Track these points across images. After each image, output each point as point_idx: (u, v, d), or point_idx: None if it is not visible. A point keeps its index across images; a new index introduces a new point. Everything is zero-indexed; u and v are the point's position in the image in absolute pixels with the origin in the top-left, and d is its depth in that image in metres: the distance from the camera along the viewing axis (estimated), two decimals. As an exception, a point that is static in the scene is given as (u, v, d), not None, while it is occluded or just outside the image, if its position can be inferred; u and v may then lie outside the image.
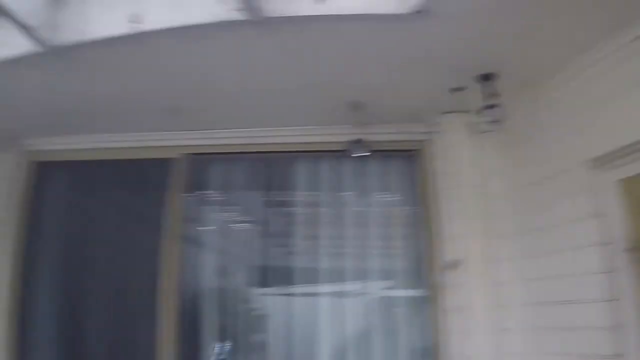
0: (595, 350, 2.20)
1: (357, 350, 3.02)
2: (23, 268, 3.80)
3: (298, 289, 3.22)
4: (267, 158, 3.39)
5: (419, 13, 2.06)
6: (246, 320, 3.29)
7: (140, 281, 3.56)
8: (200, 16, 2.22)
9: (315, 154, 3.25)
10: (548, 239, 2.53)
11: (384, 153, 3.12)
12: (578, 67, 2.38)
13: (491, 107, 2.55)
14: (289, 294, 3.25)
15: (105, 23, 2.39)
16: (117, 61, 2.63)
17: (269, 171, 3.41)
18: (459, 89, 2.71)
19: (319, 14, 2.15)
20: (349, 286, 3.13)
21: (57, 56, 2.56)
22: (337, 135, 3.05)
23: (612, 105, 2.21)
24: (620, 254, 2.19)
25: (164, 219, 3.45)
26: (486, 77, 2.57)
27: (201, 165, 3.51)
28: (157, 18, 2.27)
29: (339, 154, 3.09)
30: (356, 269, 3.16)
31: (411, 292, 3.06)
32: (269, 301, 3.34)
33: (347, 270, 3.17)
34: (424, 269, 3.01)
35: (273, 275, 3.35)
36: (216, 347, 3.22)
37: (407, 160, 3.18)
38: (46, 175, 4.04)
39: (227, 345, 3.23)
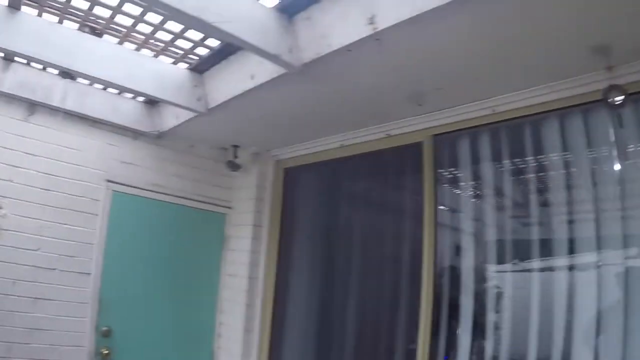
0: None
1: (611, 331, 2.60)
2: (284, 262, 4.61)
3: (550, 262, 2.96)
4: (512, 125, 3.17)
5: None
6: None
7: (399, 267, 3.79)
8: (425, 4, 2.18)
9: (562, 111, 2.90)
10: None
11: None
12: None
13: None
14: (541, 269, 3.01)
15: (341, 33, 2.57)
16: (356, 64, 2.80)
17: (515, 139, 3.20)
18: None
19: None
20: (601, 257, 2.72)
21: (301, 74, 2.90)
22: (583, 86, 2.70)
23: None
24: None
25: (418, 203, 3.51)
26: None
27: (447, 145, 3.50)
28: (388, 14, 2.33)
29: (589, 106, 2.76)
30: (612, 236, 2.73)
31: None
32: (511, 277, 3.17)
33: (603, 238, 2.75)
34: None
35: (519, 248, 3.15)
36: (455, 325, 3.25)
37: None
38: (296, 179, 4.79)
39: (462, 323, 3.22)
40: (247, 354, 4.43)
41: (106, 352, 4.02)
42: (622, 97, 2.46)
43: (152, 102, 4.29)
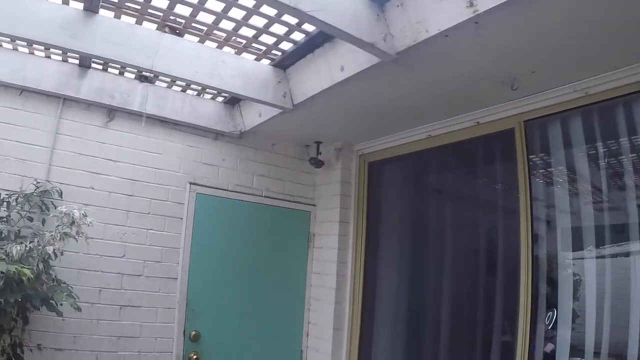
0: None
1: None
2: (372, 258, 4.48)
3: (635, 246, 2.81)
4: (605, 107, 2.96)
5: None
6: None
7: (491, 259, 3.71)
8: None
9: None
10: None
11: None
12: None
13: None
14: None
15: (439, 17, 2.40)
16: (452, 49, 2.64)
17: (610, 120, 2.98)
18: None
19: None
20: None
21: (394, 63, 2.74)
22: None
23: None
24: None
25: (510, 192, 3.41)
26: None
27: (538, 130, 3.31)
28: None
29: None
30: None
31: None
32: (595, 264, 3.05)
33: None
34: None
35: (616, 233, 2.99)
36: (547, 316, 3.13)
37: None
38: (381, 173, 4.66)
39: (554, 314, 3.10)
40: (337, 353, 4.33)
41: (195, 356, 3.97)
42: None
43: (232, 102, 4.18)
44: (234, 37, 3.18)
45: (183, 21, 3.05)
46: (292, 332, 4.60)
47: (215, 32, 3.14)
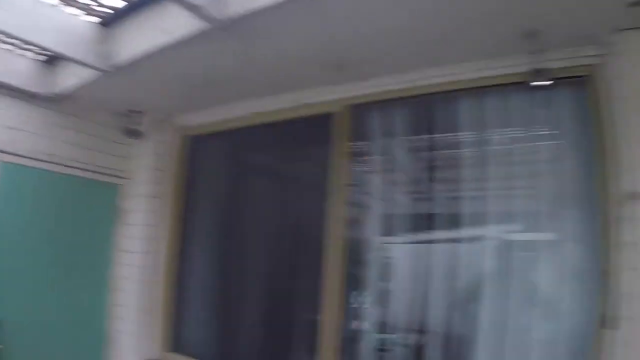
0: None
1: (492, 297, 2.81)
2: (186, 237, 4.38)
3: (441, 234, 3.09)
4: (428, 100, 3.18)
5: None
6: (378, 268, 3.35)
7: (304, 239, 3.82)
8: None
9: (482, 90, 2.96)
10: None
11: (556, 81, 2.84)
12: None
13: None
14: (426, 241, 3.22)
15: None
16: (281, 25, 2.66)
17: (430, 114, 3.22)
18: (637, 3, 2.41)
19: None
20: (487, 231, 2.92)
21: (222, 30, 2.66)
22: (507, 67, 2.83)
23: None
24: None
25: (326, 174, 3.50)
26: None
27: (360, 116, 3.43)
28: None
29: (511, 87, 2.86)
30: (504, 212, 2.93)
31: (554, 235, 2.76)
32: (403, 249, 3.37)
33: (494, 214, 2.94)
34: (593, 203, 2.66)
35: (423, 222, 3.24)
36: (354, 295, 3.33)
37: (577, 87, 2.81)
38: (202, 148, 4.47)
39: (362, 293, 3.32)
40: (144, 334, 4.17)
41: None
42: (545, 81, 2.63)
43: (51, 61, 3.75)
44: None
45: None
46: (97, 314, 4.32)
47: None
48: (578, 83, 2.76)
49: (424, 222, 3.21)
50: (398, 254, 3.45)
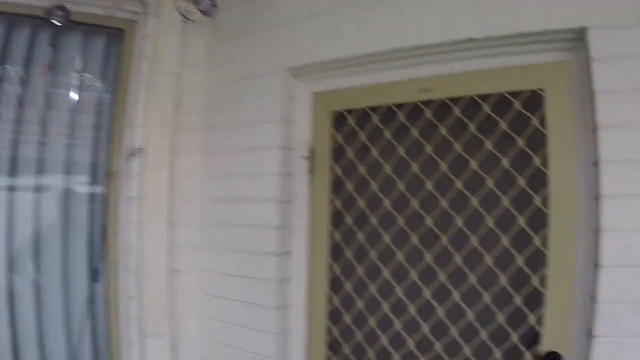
0: (265, 247, 2.37)
1: (31, 248, 2.57)
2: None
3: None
4: None
5: None
6: None
7: None
8: None
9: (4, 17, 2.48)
10: (236, 137, 2.54)
11: (88, 27, 2.60)
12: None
13: (203, -4, 2.43)
14: None
15: None
16: None
17: None
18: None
19: None
20: (25, 180, 2.57)
21: None
22: None
23: (324, 20, 2.26)
24: (299, 159, 2.39)
25: None
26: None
27: None
28: None
29: (35, 20, 2.47)
30: (38, 160, 2.61)
31: (94, 186, 2.70)
32: None
33: (25, 161, 2.58)
34: (105, 159, 2.68)
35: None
36: None
37: (111, 39, 2.69)
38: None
39: None
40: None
41: None
42: (67, 20, 2.40)
43: None
44: None
45: None
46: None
47: None
48: (115, 35, 2.70)
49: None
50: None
